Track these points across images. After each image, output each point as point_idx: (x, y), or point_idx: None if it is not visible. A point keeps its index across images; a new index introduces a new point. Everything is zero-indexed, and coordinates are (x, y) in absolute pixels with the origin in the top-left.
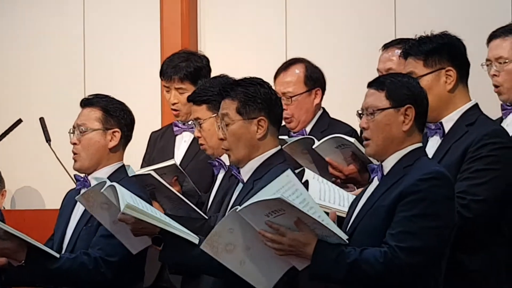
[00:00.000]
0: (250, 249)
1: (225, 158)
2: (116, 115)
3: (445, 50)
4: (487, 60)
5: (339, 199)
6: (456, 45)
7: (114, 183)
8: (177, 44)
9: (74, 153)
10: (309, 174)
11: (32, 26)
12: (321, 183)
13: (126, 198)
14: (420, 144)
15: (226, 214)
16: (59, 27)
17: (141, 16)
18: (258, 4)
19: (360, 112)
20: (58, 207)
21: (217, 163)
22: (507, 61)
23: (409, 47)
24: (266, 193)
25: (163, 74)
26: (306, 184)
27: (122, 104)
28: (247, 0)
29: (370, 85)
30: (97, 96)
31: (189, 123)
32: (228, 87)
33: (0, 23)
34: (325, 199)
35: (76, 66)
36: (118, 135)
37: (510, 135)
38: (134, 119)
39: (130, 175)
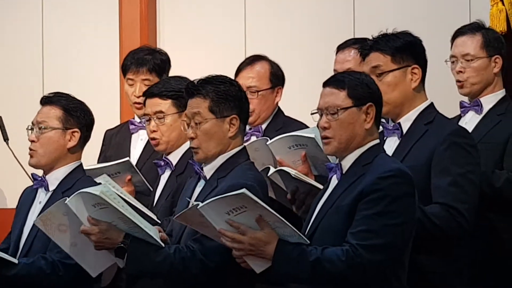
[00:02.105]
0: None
1: (172, 158)
2: (76, 115)
3: (411, 48)
4: (452, 56)
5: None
6: (420, 45)
7: (81, 190)
8: (136, 43)
9: (31, 150)
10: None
11: None
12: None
13: (100, 187)
14: (377, 141)
15: (188, 208)
16: (17, 26)
17: (100, 14)
18: (217, 3)
19: (316, 111)
20: (15, 205)
21: (163, 163)
22: (473, 58)
23: (375, 41)
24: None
25: (128, 67)
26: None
27: (82, 104)
28: (207, 0)
29: (328, 84)
30: (58, 95)
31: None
32: (198, 85)
33: None
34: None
35: (34, 65)
36: (77, 135)
37: (469, 132)
38: (94, 120)
39: None
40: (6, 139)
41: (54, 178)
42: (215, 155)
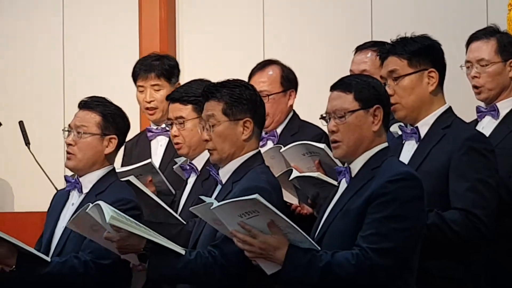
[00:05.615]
0: None
1: (197, 162)
2: (115, 121)
3: (428, 52)
4: (467, 61)
5: None
6: (438, 48)
7: (99, 202)
8: (155, 49)
9: (69, 153)
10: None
11: (12, 32)
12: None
13: (111, 212)
14: (386, 144)
15: (203, 204)
16: (39, 33)
17: (120, 21)
18: (235, 9)
19: (325, 115)
20: (37, 208)
21: (188, 167)
22: (488, 63)
23: (392, 46)
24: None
25: (137, 74)
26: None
27: (120, 110)
28: (224, 5)
29: (335, 87)
30: (95, 99)
31: (163, 126)
32: (213, 88)
33: None
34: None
35: (55, 71)
36: (114, 141)
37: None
38: (130, 125)
39: None
40: (27, 143)
41: (88, 181)
42: (229, 157)
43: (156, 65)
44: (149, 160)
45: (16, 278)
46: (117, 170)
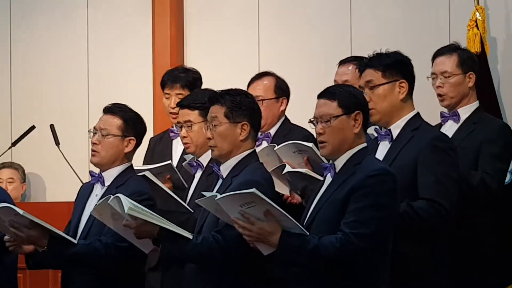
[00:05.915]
0: None
1: (203, 160)
2: (134, 125)
3: (400, 66)
4: (433, 73)
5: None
6: (408, 62)
7: (118, 194)
8: (166, 61)
9: (94, 151)
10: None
11: (45, 47)
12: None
13: (129, 204)
14: (365, 144)
15: (208, 196)
16: (67, 48)
17: (136, 38)
18: (235, 29)
19: (313, 120)
20: (65, 199)
21: (195, 164)
22: (451, 75)
23: (369, 60)
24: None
25: (165, 83)
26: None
27: (138, 115)
28: (226, 25)
29: (321, 96)
30: (117, 105)
31: None
32: (218, 95)
33: (16, 42)
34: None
35: (81, 81)
36: (133, 142)
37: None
38: (146, 129)
39: None
40: (57, 143)
41: (110, 176)
42: (227, 154)
43: (182, 77)
44: (169, 161)
45: (47, 257)
46: (142, 168)
